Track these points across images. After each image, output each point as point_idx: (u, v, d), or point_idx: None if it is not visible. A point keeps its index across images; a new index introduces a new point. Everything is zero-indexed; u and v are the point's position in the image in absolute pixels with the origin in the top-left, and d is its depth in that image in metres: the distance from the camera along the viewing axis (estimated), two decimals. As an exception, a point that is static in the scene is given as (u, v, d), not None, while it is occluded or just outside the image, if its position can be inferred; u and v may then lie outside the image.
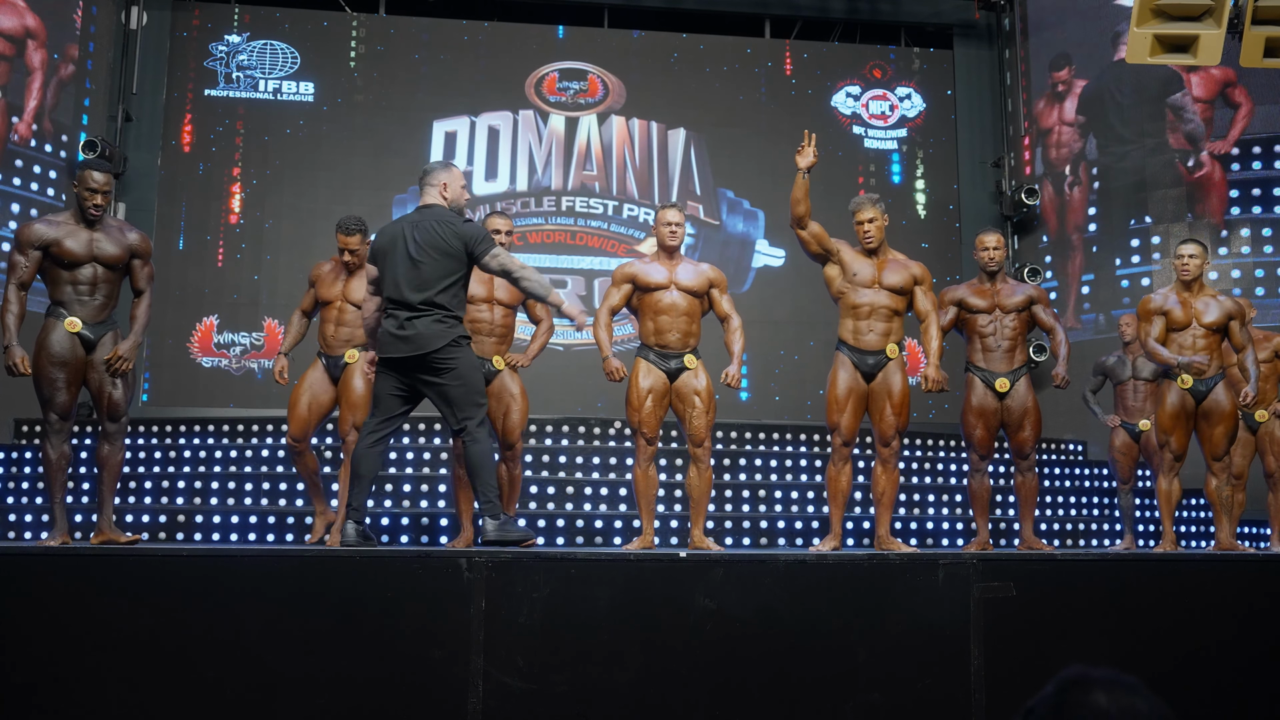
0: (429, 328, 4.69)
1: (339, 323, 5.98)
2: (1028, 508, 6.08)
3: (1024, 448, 6.02)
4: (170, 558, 4.39)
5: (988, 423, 5.96)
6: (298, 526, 6.62)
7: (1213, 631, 4.55)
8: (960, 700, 4.26)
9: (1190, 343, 5.97)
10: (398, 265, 4.76)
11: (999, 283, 6.06)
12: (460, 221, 4.85)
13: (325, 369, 5.99)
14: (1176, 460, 6.04)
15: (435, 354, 4.68)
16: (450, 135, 11.53)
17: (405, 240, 4.78)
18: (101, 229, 5.18)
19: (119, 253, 5.21)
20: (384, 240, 4.86)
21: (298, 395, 5.99)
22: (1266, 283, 9.89)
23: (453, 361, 4.71)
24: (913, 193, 11.99)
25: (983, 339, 6.00)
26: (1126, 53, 6.16)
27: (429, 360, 4.69)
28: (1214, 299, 6.06)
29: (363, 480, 4.83)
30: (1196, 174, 10.23)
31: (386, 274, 4.80)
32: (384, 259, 4.82)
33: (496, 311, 5.69)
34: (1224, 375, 6.01)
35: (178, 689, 3.92)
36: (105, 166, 5.31)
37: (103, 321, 5.17)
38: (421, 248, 4.75)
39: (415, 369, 4.72)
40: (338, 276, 6.08)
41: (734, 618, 4.17)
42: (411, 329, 4.68)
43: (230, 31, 11.37)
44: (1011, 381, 5.93)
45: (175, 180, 11.07)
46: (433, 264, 4.74)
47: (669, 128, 11.80)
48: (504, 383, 5.64)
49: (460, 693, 3.97)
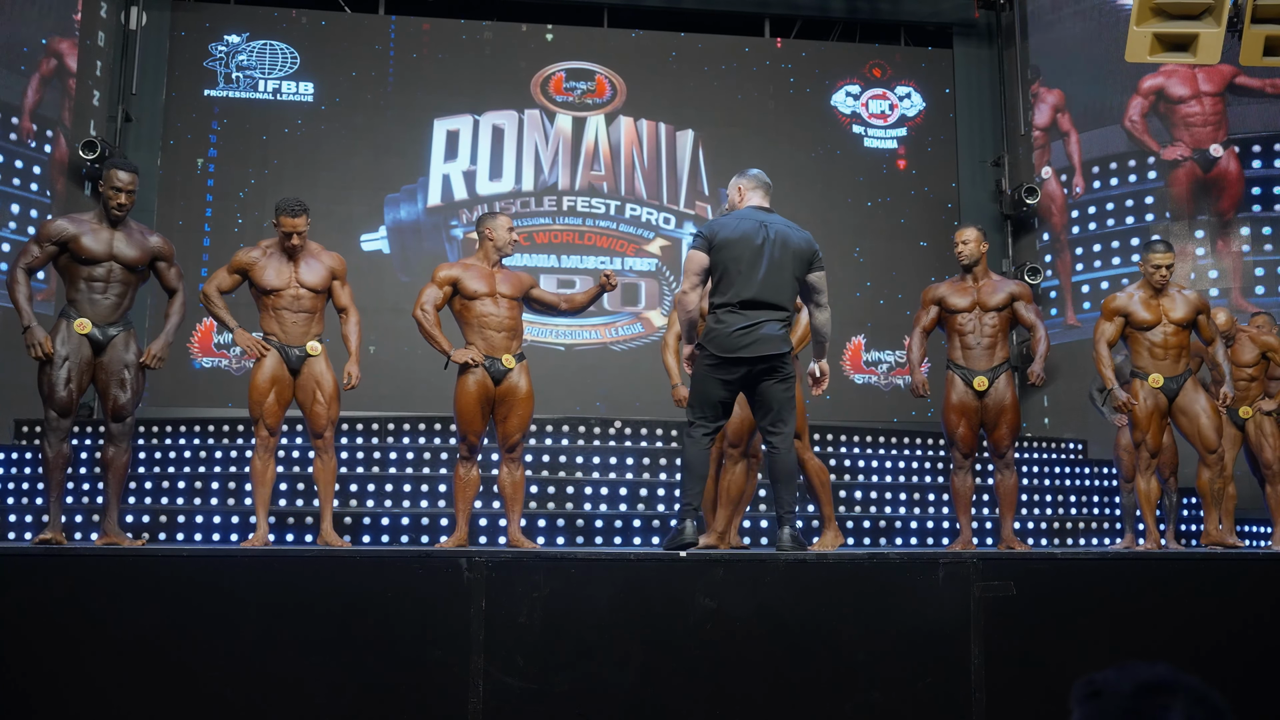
0: (778, 329, 4.66)
1: (296, 309, 5.46)
2: (1007, 507, 6.03)
3: (1000, 445, 5.96)
4: (170, 558, 4.39)
5: (969, 421, 5.94)
6: (298, 527, 6.62)
7: (1214, 631, 4.54)
8: (960, 700, 4.25)
9: (1160, 339, 6.00)
10: (752, 263, 4.64)
11: (981, 279, 6.03)
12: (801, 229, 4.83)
13: (283, 361, 5.42)
14: (1153, 458, 6.05)
15: (780, 357, 4.66)
16: (453, 134, 11.52)
17: (765, 240, 4.67)
18: (124, 230, 5.22)
19: (139, 255, 5.23)
20: (730, 233, 4.68)
21: (263, 392, 5.38)
22: (1266, 282, 9.89)
23: (789, 369, 4.71)
24: (911, 192, 11.98)
25: (962, 336, 5.97)
26: (1126, 51, 6.17)
27: (770, 362, 4.65)
28: (1180, 294, 6.09)
29: (701, 481, 4.74)
30: (1205, 172, 10.22)
31: (731, 270, 4.65)
32: (727, 251, 4.66)
33: (502, 305, 5.53)
34: (1190, 372, 6.05)
35: (177, 689, 3.92)
36: (131, 166, 5.31)
37: (115, 323, 5.18)
38: (784, 250, 4.68)
39: (753, 368, 4.65)
40: (284, 262, 5.50)
41: (734, 617, 4.17)
42: (760, 330, 4.61)
43: (230, 32, 11.38)
44: (991, 380, 5.90)
45: (175, 180, 11.07)
46: (789, 268, 4.70)
47: (677, 129, 11.79)
48: (513, 381, 5.50)
49: (460, 693, 3.97)
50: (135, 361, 5.27)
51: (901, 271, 11.39)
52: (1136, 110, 10.58)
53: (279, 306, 5.46)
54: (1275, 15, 6.02)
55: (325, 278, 5.54)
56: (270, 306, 5.48)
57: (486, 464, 7.40)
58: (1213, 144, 10.21)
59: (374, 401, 9.24)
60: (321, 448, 5.49)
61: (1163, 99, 10.49)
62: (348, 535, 6.41)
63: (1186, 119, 10.38)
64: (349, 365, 5.50)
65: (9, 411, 8.46)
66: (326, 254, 5.64)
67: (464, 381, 5.46)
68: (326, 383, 5.47)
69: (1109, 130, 10.80)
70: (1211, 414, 6.01)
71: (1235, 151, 10.15)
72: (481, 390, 5.44)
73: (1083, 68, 11.03)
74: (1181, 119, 10.40)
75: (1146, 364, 6.04)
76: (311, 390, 5.44)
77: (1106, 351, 6.09)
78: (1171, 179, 10.35)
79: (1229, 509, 6.61)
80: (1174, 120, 10.43)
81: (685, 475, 4.75)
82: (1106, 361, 6.07)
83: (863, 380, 11.38)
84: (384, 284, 10.80)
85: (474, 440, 5.50)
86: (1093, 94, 10.94)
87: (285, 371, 5.44)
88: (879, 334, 11.53)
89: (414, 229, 11.27)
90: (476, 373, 5.44)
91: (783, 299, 4.68)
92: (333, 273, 5.58)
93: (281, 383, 5.43)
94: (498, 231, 5.60)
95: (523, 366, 5.55)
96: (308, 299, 5.49)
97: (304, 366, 5.45)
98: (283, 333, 5.46)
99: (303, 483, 7.27)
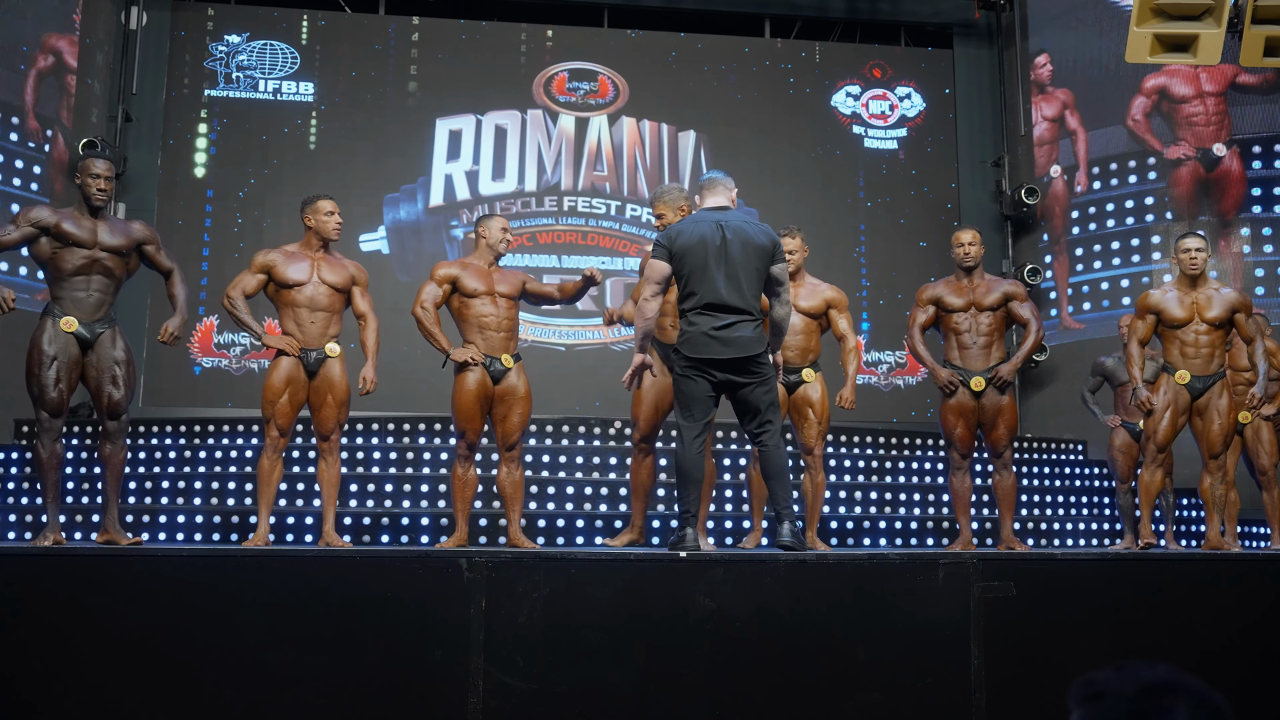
0: (751, 332, 4.64)
1: (314, 309, 5.45)
2: (1007, 507, 6.02)
3: (998, 445, 5.96)
4: (170, 558, 4.39)
5: (967, 421, 5.93)
6: (298, 527, 6.62)
7: (1214, 631, 4.54)
8: (960, 700, 4.25)
9: (1193, 339, 5.90)
10: (714, 266, 4.63)
11: (976, 279, 6.03)
12: (760, 223, 4.83)
13: (300, 363, 5.38)
14: (1159, 452, 5.99)
15: (755, 358, 4.65)
16: (455, 134, 11.52)
17: (722, 241, 4.64)
18: (105, 220, 5.24)
19: (123, 241, 5.24)
20: (688, 239, 4.68)
21: (277, 392, 5.33)
22: (1267, 282, 9.89)
23: (766, 368, 4.72)
24: (911, 192, 11.98)
25: (958, 336, 5.97)
26: (1127, 52, 6.16)
27: (747, 364, 4.65)
28: (1217, 292, 5.96)
29: (698, 485, 4.74)
30: (1208, 171, 10.22)
31: (695, 274, 4.65)
32: (688, 259, 4.67)
33: (501, 304, 5.54)
34: (1223, 374, 5.96)
35: (177, 690, 3.92)
36: (106, 155, 5.36)
37: (100, 319, 5.17)
38: (743, 250, 4.65)
39: (730, 371, 4.66)
40: (304, 260, 5.50)
41: (734, 618, 4.17)
42: (733, 332, 4.61)
43: (230, 31, 11.38)
44: (987, 380, 5.90)
45: (175, 180, 11.08)
46: (752, 264, 4.68)
47: (680, 130, 11.79)
48: (511, 381, 5.52)
49: (460, 693, 3.97)
50: (125, 358, 5.24)
51: (901, 272, 11.38)
52: (1140, 110, 10.57)
53: (298, 304, 5.42)
54: (1275, 16, 6.02)
55: (346, 280, 5.56)
56: (289, 304, 5.43)
57: (486, 464, 7.40)
58: (1215, 144, 10.20)
59: (374, 401, 9.21)
60: (327, 450, 5.46)
61: (1165, 98, 10.48)
62: (348, 535, 6.40)
63: (1190, 119, 10.38)
64: (365, 369, 5.48)
65: (9, 411, 8.45)
66: (349, 261, 5.70)
67: (462, 380, 5.46)
68: (340, 387, 5.44)
69: (1111, 130, 10.80)
70: (1228, 421, 5.92)
71: (1238, 151, 10.15)
72: (480, 389, 5.45)
73: (1083, 68, 11.04)
74: (1185, 118, 10.40)
75: (1176, 361, 5.95)
76: (324, 393, 5.41)
77: (1138, 350, 5.97)
78: (1174, 179, 10.35)
79: (1232, 514, 6.57)
80: (1177, 120, 10.43)
81: (680, 481, 4.75)
82: (1137, 360, 5.95)
83: (862, 380, 11.36)
84: (383, 284, 10.77)
85: (473, 438, 5.51)
86: (1093, 94, 10.95)
87: (301, 373, 5.39)
88: (879, 334, 11.53)
89: (413, 229, 11.27)
90: (475, 371, 5.45)
91: (748, 299, 4.65)
92: (354, 278, 5.60)
93: (296, 384, 5.38)
94: (491, 231, 5.64)
95: (519, 367, 5.58)
96: (325, 298, 5.45)
97: (320, 369, 5.41)
98: (300, 333, 5.42)
99: (302, 483, 7.26)
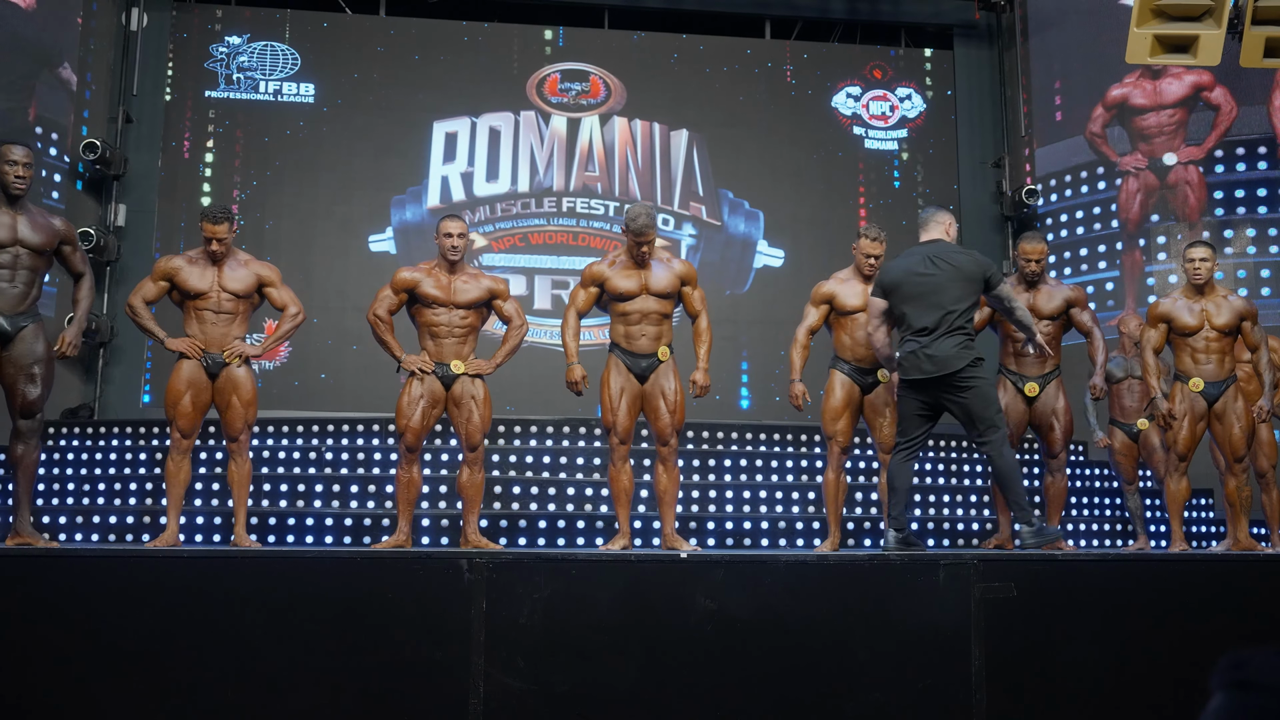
0: (952, 350, 5.03)
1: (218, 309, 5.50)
2: (1056, 508, 6.08)
3: (1053, 447, 6.02)
4: (170, 558, 4.40)
5: (1012, 422, 5.89)
6: (297, 528, 6.62)
7: (1214, 632, 4.54)
8: (960, 700, 4.25)
9: (1203, 345, 5.91)
10: (917, 294, 5.12)
11: (1040, 285, 6.04)
12: (973, 252, 5.30)
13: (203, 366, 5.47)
14: (1181, 460, 6.00)
15: (958, 374, 5.04)
16: (450, 136, 11.54)
17: (925, 268, 5.13)
18: (25, 214, 5.02)
19: (44, 239, 5.04)
20: (895, 274, 5.21)
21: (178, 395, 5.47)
22: (1249, 283, 9.88)
23: (974, 380, 5.06)
24: (913, 193, 11.99)
25: (1015, 342, 5.97)
26: (1127, 53, 6.16)
27: (952, 380, 5.04)
28: (1225, 300, 5.96)
29: (901, 493, 5.20)
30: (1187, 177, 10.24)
31: (906, 303, 5.15)
32: (896, 290, 5.19)
33: (455, 313, 5.53)
34: (1235, 379, 5.97)
35: (176, 690, 3.92)
36: (24, 142, 5.26)
37: (23, 313, 4.98)
38: (949, 274, 5.09)
39: (937, 388, 5.09)
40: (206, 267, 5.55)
41: (734, 618, 4.17)
42: (935, 350, 5.04)
43: (231, 33, 11.39)
44: (1041, 386, 5.94)
45: (176, 182, 11.08)
46: (954, 289, 5.08)
47: (671, 129, 11.80)
48: (464, 386, 5.54)
49: (460, 693, 3.97)
50: (46, 355, 5.06)
51: (902, 273, 11.37)
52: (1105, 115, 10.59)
53: (202, 308, 5.50)
54: (1275, 17, 6.02)
55: (251, 285, 5.57)
56: (192, 309, 5.52)
57: (486, 465, 7.40)
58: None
59: (373, 402, 9.25)
60: (235, 450, 5.55)
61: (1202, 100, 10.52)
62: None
63: (1145, 130, 10.40)
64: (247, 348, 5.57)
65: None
66: (256, 262, 5.69)
67: (409, 385, 5.55)
68: (244, 388, 5.51)
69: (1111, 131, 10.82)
70: (1247, 423, 5.93)
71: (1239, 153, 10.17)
72: (428, 394, 5.51)
73: (1084, 68, 11.04)
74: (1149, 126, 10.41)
75: (1188, 368, 5.96)
76: (228, 394, 5.49)
77: (1154, 359, 5.95)
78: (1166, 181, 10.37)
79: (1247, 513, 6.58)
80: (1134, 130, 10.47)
81: (889, 493, 5.26)
82: (1153, 370, 5.93)
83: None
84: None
85: (411, 440, 5.52)
86: (1093, 94, 10.95)
87: (203, 375, 5.49)
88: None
89: (419, 230, 11.28)
90: (426, 378, 5.51)
91: (952, 321, 5.07)
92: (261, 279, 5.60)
93: (198, 386, 5.47)
94: (439, 236, 5.59)
95: (479, 365, 5.55)
96: (229, 303, 5.52)
97: (222, 371, 5.50)
98: (203, 337, 5.50)
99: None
